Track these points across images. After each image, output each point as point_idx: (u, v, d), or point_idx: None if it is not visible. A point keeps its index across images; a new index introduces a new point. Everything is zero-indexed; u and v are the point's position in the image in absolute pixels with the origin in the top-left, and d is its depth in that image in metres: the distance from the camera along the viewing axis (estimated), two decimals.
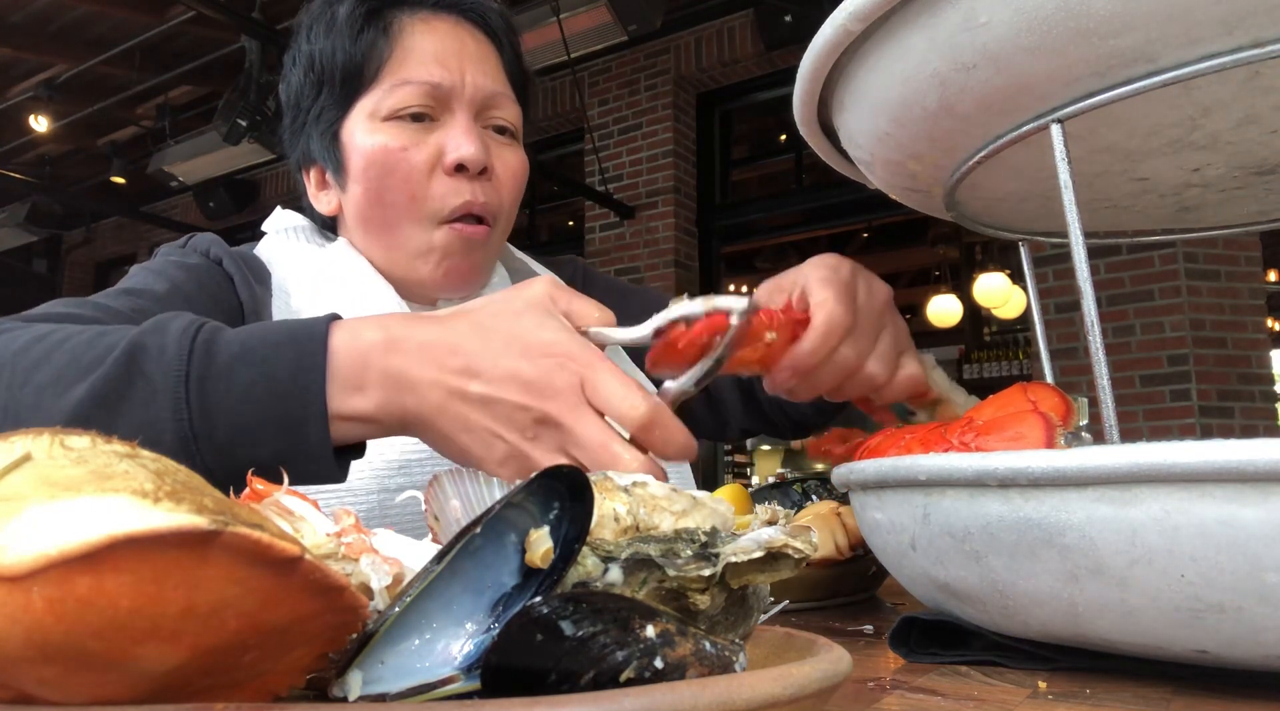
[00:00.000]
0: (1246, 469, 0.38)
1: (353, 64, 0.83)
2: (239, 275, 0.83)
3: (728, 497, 0.83)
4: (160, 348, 0.52)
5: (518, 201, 0.89)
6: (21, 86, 5.52)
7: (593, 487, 0.33)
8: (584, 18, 4.23)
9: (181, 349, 0.51)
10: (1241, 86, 0.52)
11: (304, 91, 0.87)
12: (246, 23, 3.86)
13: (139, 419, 0.50)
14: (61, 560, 0.20)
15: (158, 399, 0.50)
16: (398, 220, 0.83)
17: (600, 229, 5.28)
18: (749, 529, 0.36)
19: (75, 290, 7.87)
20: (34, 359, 0.53)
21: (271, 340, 0.52)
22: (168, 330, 0.53)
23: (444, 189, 0.82)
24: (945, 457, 0.49)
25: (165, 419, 0.50)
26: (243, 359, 0.51)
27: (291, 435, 0.51)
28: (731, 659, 0.29)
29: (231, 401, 0.51)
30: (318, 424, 0.51)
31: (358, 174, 0.84)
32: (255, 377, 0.51)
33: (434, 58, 0.83)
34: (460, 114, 0.83)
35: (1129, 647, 0.46)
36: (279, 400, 0.51)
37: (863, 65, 0.57)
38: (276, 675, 0.27)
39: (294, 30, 0.90)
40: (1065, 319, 3.80)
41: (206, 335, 0.52)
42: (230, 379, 0.51)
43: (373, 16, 0.84)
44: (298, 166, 0.93)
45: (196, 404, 0.50)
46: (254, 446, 0.51)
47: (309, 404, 0.51)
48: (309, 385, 0.51)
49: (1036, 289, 0.78)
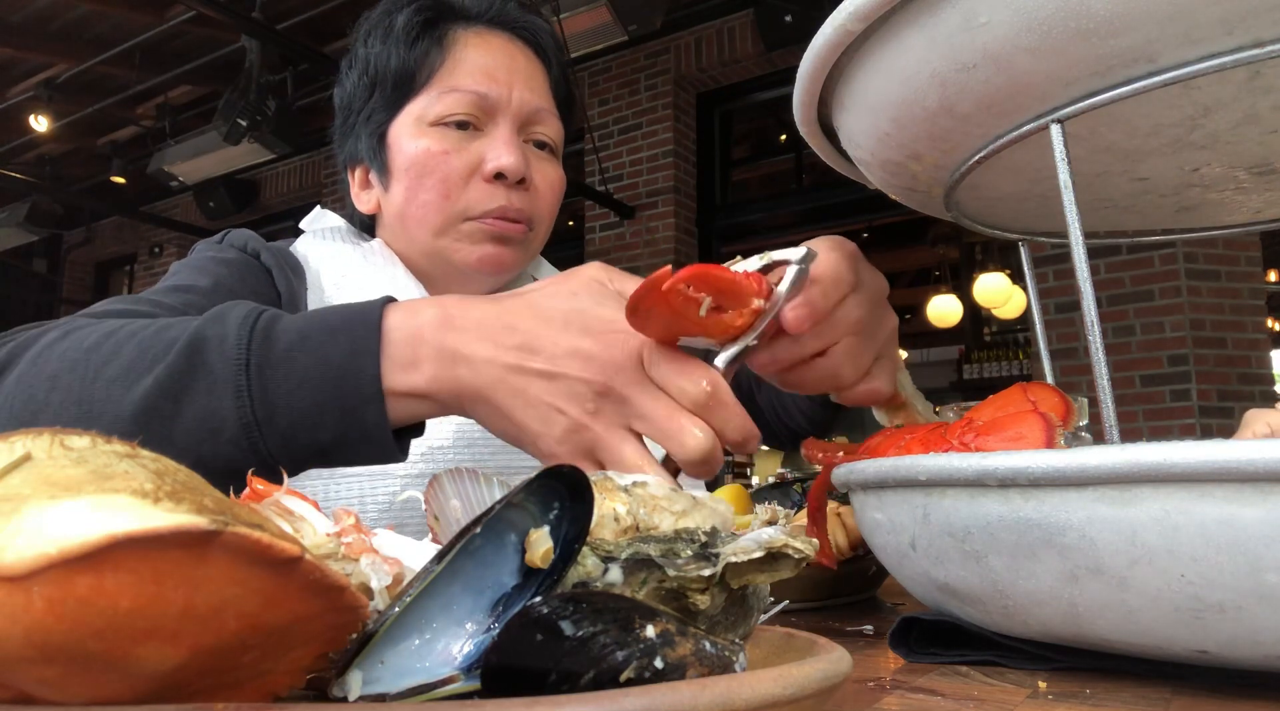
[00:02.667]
0: (1246, 469, 0.38)
1: (405, 69, 0.86)
2: (276, 268, 0.86)
3: (728, 497, 0.83)
4: (220, 337, 0.52)
5: (554, 214, 0.92)
6: (21, 86, 5.52)
7: (593, 487, 0.33)
8: (584, 18, 4.24)
9: (241, 338, 0.52)
10: (1241, 86, 0.52)
11: (357, 93, 0.90)
12: (246, 23, 3.87)
13: (202, 408, 0.51)
14: (61, 560, 0.20)
15: (219, 388, 0.51)
16: (431, 217, 0.86)
17: (600, 229, 5.28)
18: (749, 529, 0.36)
19: (75, 290, 7.86)
20: (105, 354, 0.54)
21: (329, 325, 0.53)
22: (227, 320, 0.53)
23: (480, 194, 0.85)
24: (945, 457, 0.49)
25: (228, 407, 0.51)
26: (300, 345, 0.52)
27: (350, 418, 0.51)
28: (731, 659, 0.29)
29: (290, 387, 0.51)
30: (375, 405, 0.51)
31: (400, 174, 0.87)
32: (312, 363, 0.51)
33: (483, 70, 0.86)
34: (504, 126, 0.86)
35: (1129, 647, 0.46)
36: (336, 384, 0.51)
37: (863, 65, 0.57)
38: (276, 675, 0.27)
39: (352, 38, 0.93)
40: (1065, 319, 3.80)
41: (265, 323, 0.53)
42: (289, 365, 0.51)
43: (429, 26, 0.87)
44: (344, 166, 0.96)
45: (257, 392, 0.51)
46: (315, 430, 0.51)
47: (365, 385, 0.51)
48: (364, 367, 0.51)
49: (1036, 289, 0.78)
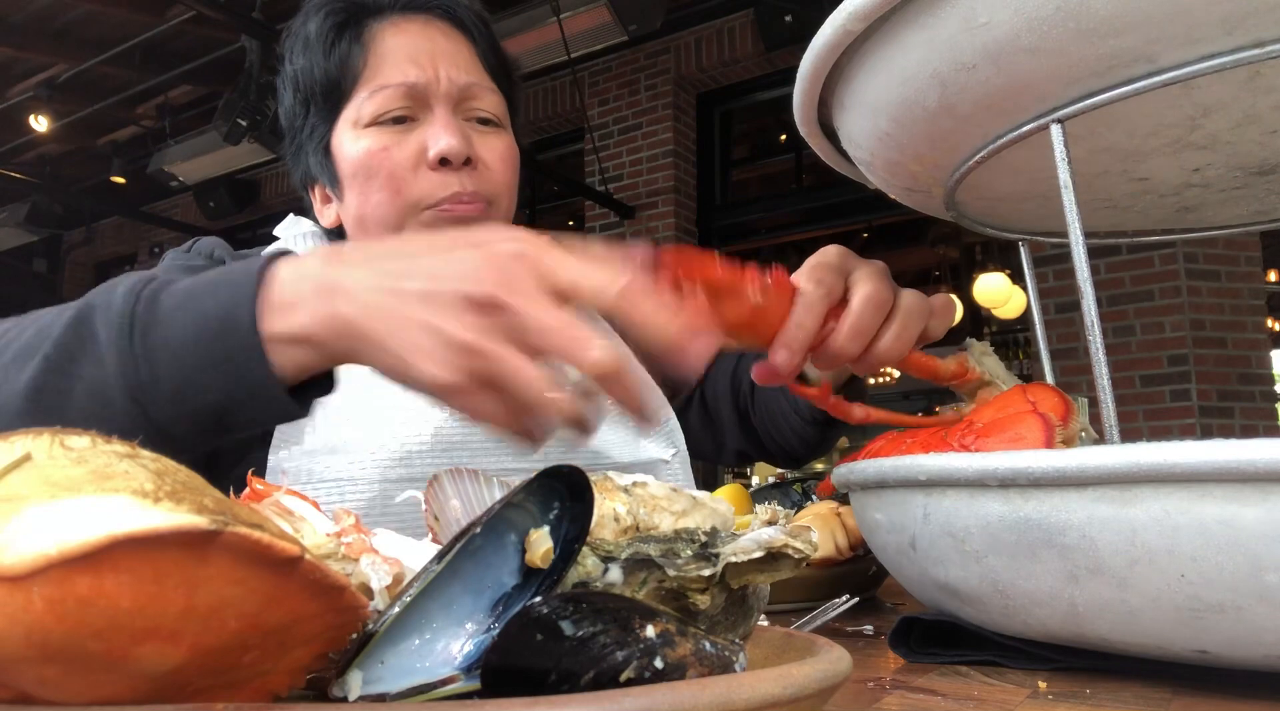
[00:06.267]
0: (1246, 469, 0.38)
1: (330, 78, 0.84)
2: None
3: (728, 497, 0.83)
4: (107, 305, 0.50)
5: (513, 186, 0.89)
6: (21, 86, 5.51)
7: (593, 487, 0.33)
8: (584, 18, 4.24)
9: (127, 302, 0.49)
10: (1241, 86, 0.52)
11: (295, 112, 0.88)
12: (246, 23, 3.87)
13: (91, 379, 0.49)
14: (61, 560, 0.20)
15: (104, 355, 0.49)
16: (386, 215, 0.83)
17: (600, 229, 5.28)
18: (749, 529, 0.36)
19: (75, 290, 7.84)
20: (7, 340, 0.53)
21: (213, 280, 0.49)
22: (116, 288, 0.51)
23: (430, 184, 0.82)
24: (945, 458, 0.49)
25: (113, 374, 0.48)
26: (183, 305, 0.49)
27: (234, 373, 0.48)
28: (731, 659, 0.29)
29: (173, 347, 0.48)
30: (255, 355, 0.47)
31: (348, 180, 0.84)
32: (192, 319, 0.48)
33: (407, 58, 0.83)
34: (439, 110, 0.83)
35: (1129, 647, 0.46)
36: (216, 338, 0.47)
37: (863, 65, 0.57)
38: (276, 675, 0.27)
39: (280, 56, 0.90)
40: (1065, 319, 3.80)
41: (155, 286, 0.50)
42: (170, 325, 0.48)
43: (342, 29, 0.85)
44: (302, 186, 0.94)
45: (140, 353, 0.48)
46: (202, 391, 0.48)
47: (243, 335, 0.47)
48: (240, 316, 0.47)
49: (1036, 289, 0.78)
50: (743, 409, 1.00)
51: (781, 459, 1.01)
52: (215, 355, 0.48)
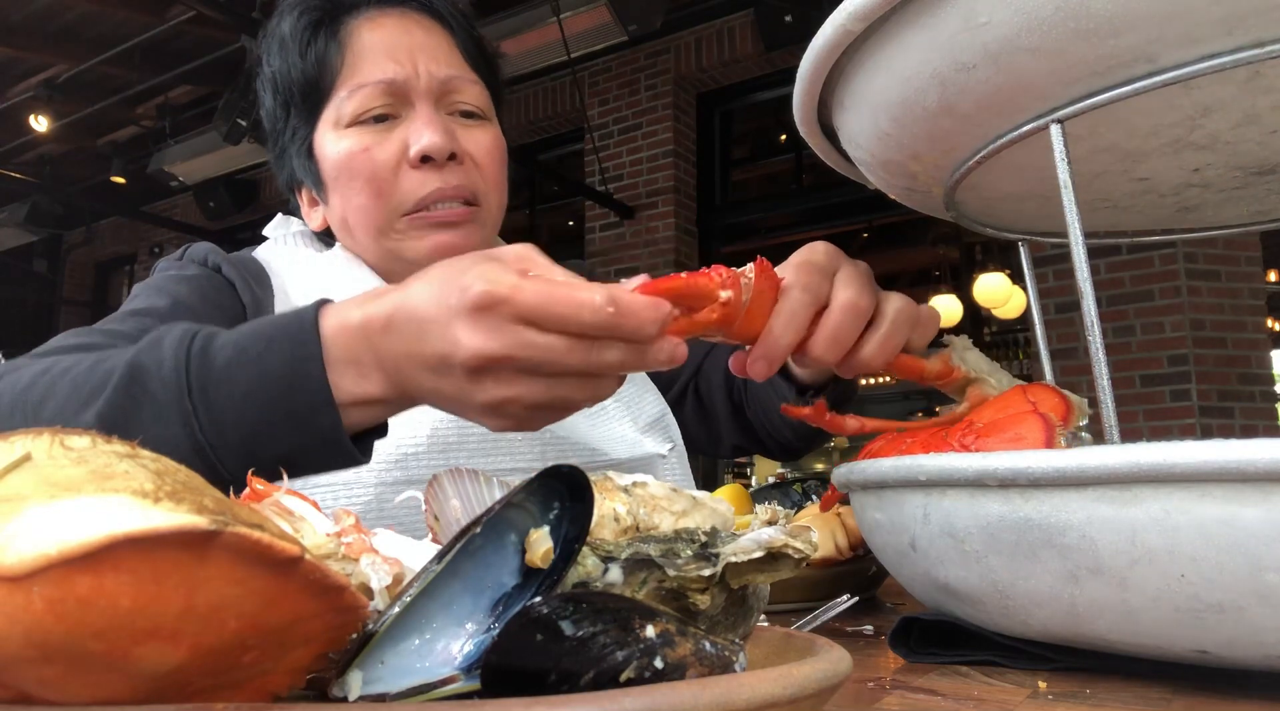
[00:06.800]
0: (1246, 469, 0.38)
1: (308, 78, 0.83)
2: (239, 280, 0.83)
3: (728, 497, 0.83)
4: (158, 364, 0.52)
5: (501, 179, 0.87)
6: (21, 86, 5.51)
7: (593, 487, 0.33)
8: (584, 18, 4.24)
9: (178, 362, 0.51)
10: (1241, 86, 0.52)
11: (276, 114, 0.87)
12: (246, 23, 3.86)
13: (153, 437, 0.50)
14: (61, 560, 0.20)
15: (165, 414, 0.50)
16: (370, 219, 0.82)
17: (600, 229, 5.28)
18: (749, 529, 0.36)
19: (75, 290, 7.86)
20: (40, 394, 0.54)
21: (264, 335, 0.52)
22: (162, 345, 0.53)
23: (413, 183, 0.81)
24: (945, 458, 0.49)
25: (178, 433, 0.50)
26: (238, 360, 0.51)
27: (304, 426, 0.51)
28: (731, 659, 0.29)
29: (236, 404, 0.50)
30: (327, 410, 0.50)
31: (331, 183, 0.83)
32: (254, 375, 0.51)
33: (385, 54, 0.82)
34: (420, 105, 0.82)
35: (1129, 647, 0.46)
36: (284, 395, 0.50)
37: (863, 65, 0.57)
38: (276, 675, 0.27)
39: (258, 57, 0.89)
40: (1065, 319, 3.80)
41: (201, 343, 0.52)
42: (231, 382, 0.51)
43: (317, 27, 0.83)
44: (289, 190, 0.92)
45: (204, 414, 0.50)
46: (271, 443, 0.51)
47: (314, 392, 0.50)
48: (309, 373, 0.50)
49: (1036, 289, 0.78)
50: (737, 402, 1.00)
51: (777, 451, 1.00)
52: (283, 412, 0.50)
